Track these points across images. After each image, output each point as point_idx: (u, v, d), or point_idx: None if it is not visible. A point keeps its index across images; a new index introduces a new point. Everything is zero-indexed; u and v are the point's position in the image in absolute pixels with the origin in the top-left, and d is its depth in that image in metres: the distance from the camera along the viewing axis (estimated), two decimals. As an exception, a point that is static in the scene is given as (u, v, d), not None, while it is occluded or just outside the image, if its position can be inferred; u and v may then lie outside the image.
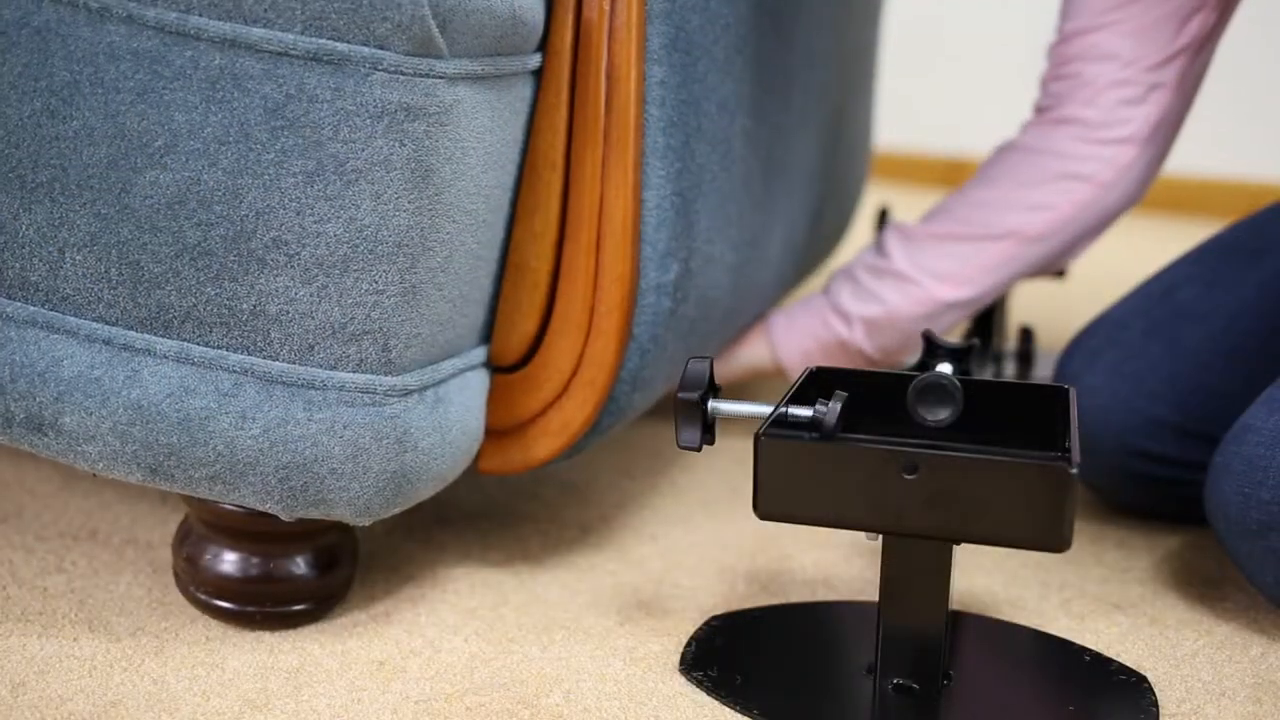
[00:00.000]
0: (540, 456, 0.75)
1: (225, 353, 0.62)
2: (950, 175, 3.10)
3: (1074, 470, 0.55)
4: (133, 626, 0.72)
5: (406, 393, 0.64)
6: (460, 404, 0.69)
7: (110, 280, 0.62)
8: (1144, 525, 0.90)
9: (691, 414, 0.63)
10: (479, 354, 0.72)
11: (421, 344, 0.64)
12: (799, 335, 1.01)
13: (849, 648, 0.69)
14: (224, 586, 0.70)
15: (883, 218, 1.35)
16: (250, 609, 0.70)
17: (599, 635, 0.72)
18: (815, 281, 1.58)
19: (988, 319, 1.25)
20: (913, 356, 0.94)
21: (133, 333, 0.62)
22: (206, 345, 0.62)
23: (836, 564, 0.83)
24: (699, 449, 0.65)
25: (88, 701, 0.63)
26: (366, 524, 0.67)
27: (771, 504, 0.60)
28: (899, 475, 0.57)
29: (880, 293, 0.95)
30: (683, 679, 0.67)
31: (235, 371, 0.62)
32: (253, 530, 0.68)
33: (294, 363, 0.62)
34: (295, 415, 0.62)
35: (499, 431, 0.75)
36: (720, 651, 0.70)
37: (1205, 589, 0.80)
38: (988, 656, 0.70)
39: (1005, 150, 0.94)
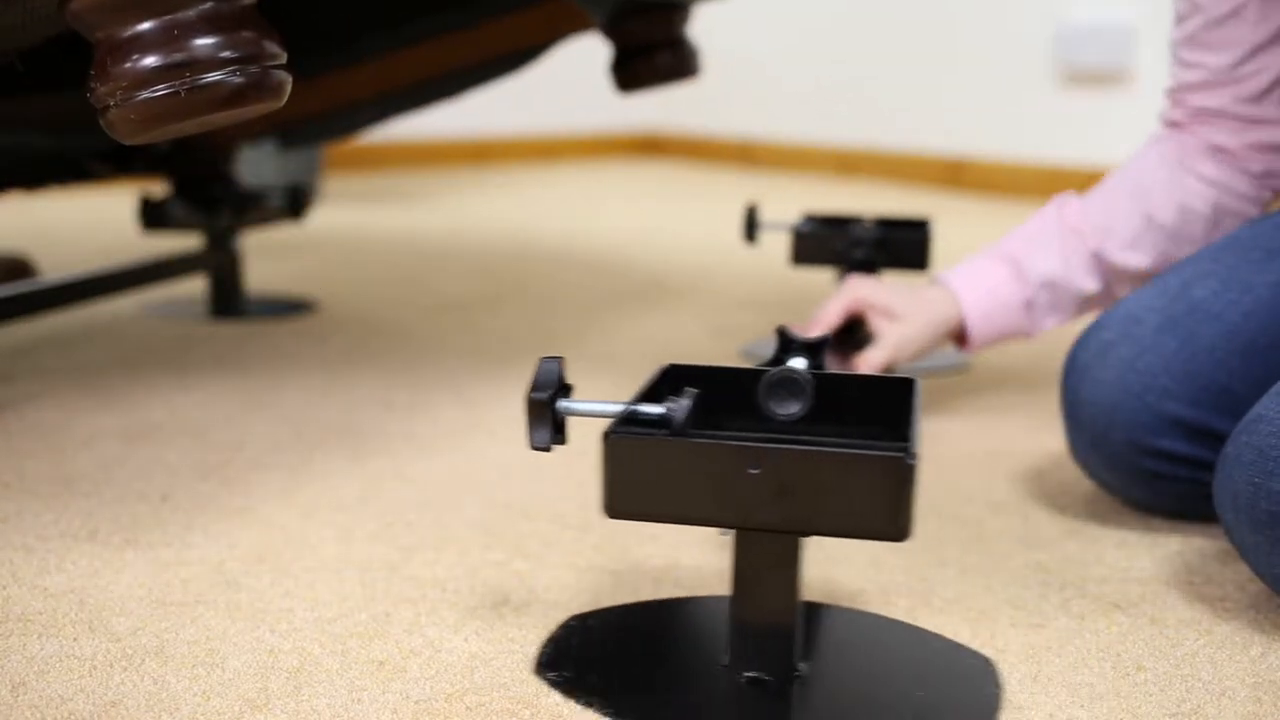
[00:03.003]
0: None
1: None
2: (950, 175, 3.10)
3: (912, 461, 0.56)
4: (133, 626, 0.72)
5: None
6: None
7: None
8: (1144, 525, 0.90)
9: (541, 415, 0.63)
10: None
11: None
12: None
13: (706, 643, 0.70)
14: (149, 76, 0.66)
15: (751, 216, 1.34)
16: (176, 85, 0.66)
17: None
18: None
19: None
20: (769, 351, 0.93)
21: None
22: None
23: (838, 564, 0.83)
24: (549, 449, 0.64)
25: (88, 701, 0.63)
26: None
27: (621, 503, 0.60)
28: (743, 470, 0.58)
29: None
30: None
31: None
32: None
33: None
34: None
35: None
36: (576, 650, 0.70)
37: (1205, 589, 0.80)
38: (843, 647, 0.71)
39: (1185, 175, 1.02)
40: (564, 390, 0.64)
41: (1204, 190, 1.01)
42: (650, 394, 0.65)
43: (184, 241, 1.95)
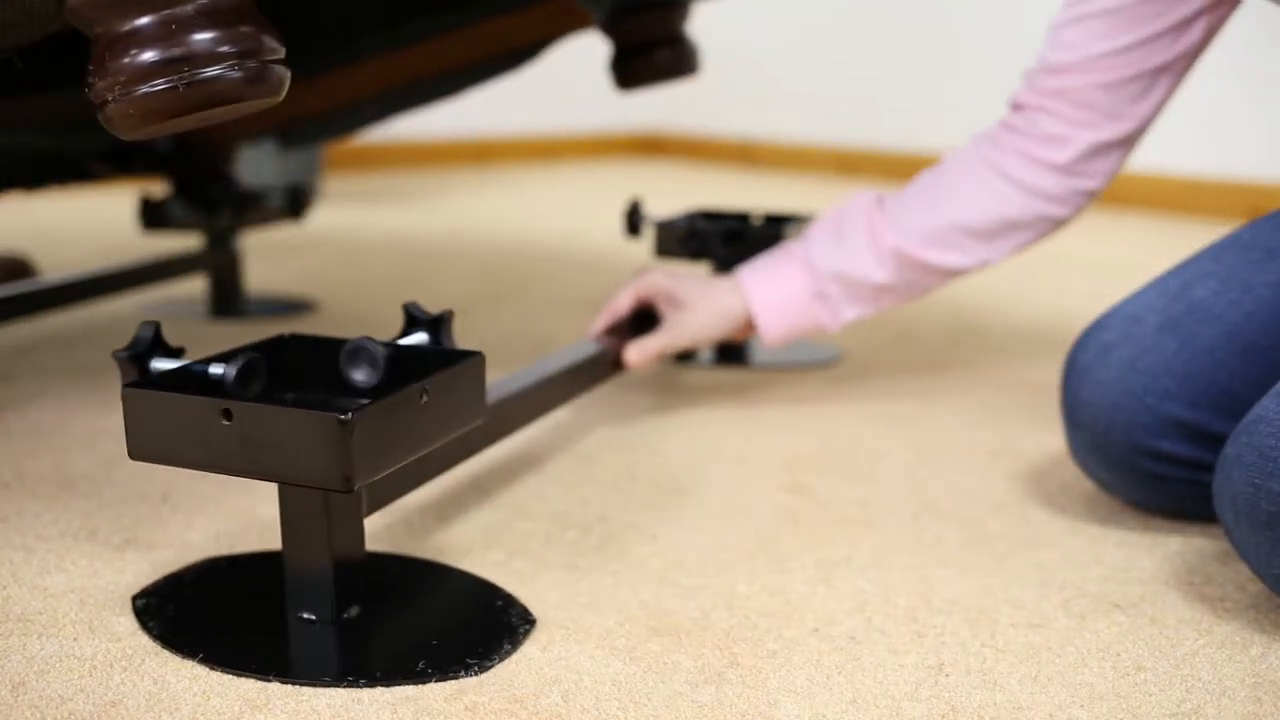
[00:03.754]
0: None
1: None
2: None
3: (346, 418, 0.61)
4: (133, 626, 0.72)
5: None
6: None
7: None
8: (1144, 525, 0.90)
9: (128, 371, 0.70)
10: None
11: None
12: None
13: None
14: (148, 71, 0.66)
15: (634, 211, 1.36)
16: (174, 79, 0.66)
17: (599, 635, 0.72)
18: None
19: None
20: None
21: None
22: None
23: (837, 564, 0.83)
24: None
25: (88, 701, 0.63)
26: None
27: (138, 447, 0.67)
28: (219, 422, 0.64)
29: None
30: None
31: None
32: None
33: None
34: None
35: None
36: (181, 585, 0.77)
37: (1205, 589, 0.80)
38: (399, 593, 0.77)
39: (994, 177, 1.04)
40: (162, 351, 0.70)
41: (1013, 195, 1.03)
42: (225, 356, 0.71)
43: (184, 241, 1.95)
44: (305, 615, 0.71)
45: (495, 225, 2.45)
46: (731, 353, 1.37)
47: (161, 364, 0.70)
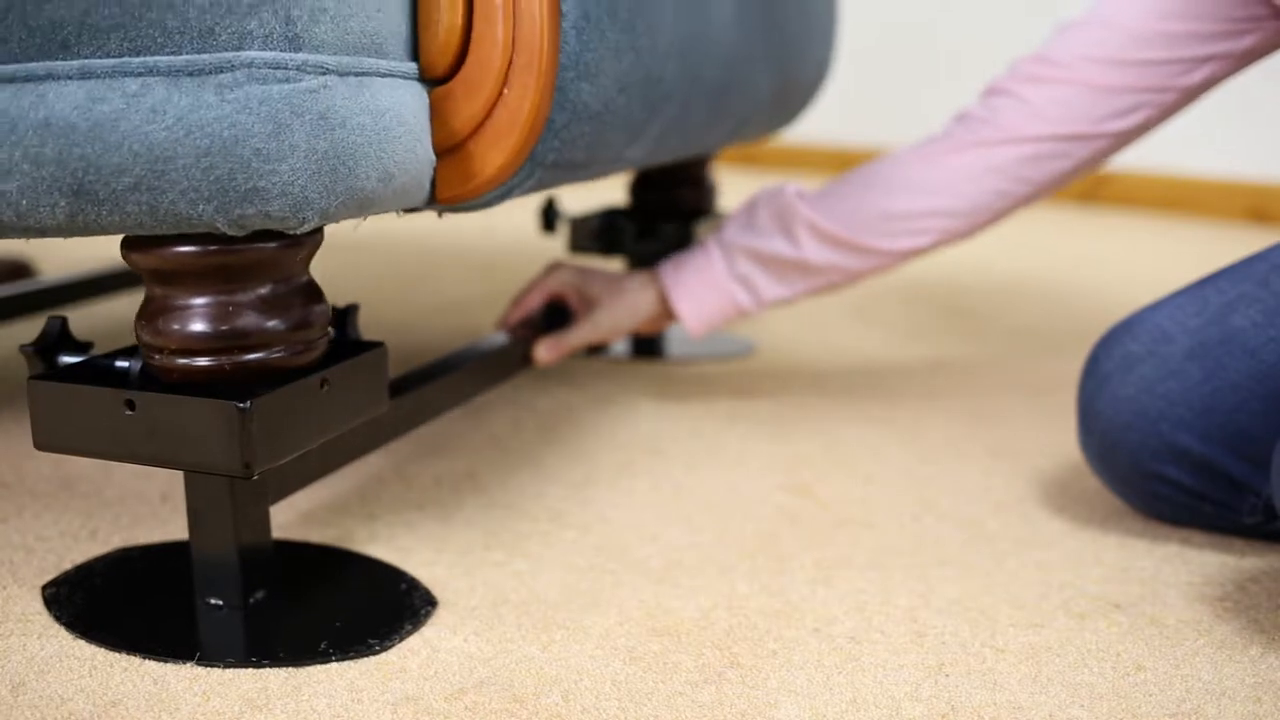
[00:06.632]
0: (496, 165, 0.74)
1: (126, 58, 0.60)
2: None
3: (244, 406, 0.63)
4: (133, 626, 0.72)
5: (323, 71, 0.62)
6: (393, 101, 0.67)
7: None
8: (1144, 525, 0.90)
9: (34, 364, 0.71)
10: (409, 68, 0.70)
11: (330, 20, 0.63)
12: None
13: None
14: (193, 344, 0.67)
15: (550, 208, 1.38)
16: (222, 360, 0.67)
17: (599, 635, 0.72)
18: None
19: None
20: None
21: (31, 63, 0.61)
22: (106, 55, 0.60)
23: (837, 564, 0.83)
24: None
25: (88, 701, 0.63)
26: (312, 223, 0.63)
27: (44, 438, 0.68)
28: (123, 412, 0.65)
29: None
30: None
31: (140, 74, 0.60)
32: (209, 266, 0.66)
33: (197, 51, 0.60)
34: (207, 100, 0.60)
35: (449, 150, 0.74)
36: (92, 575, 0.78)
37: (1205, 589, 0.80)
38: (306, 578, 0.79)
39: (934, 169, 1.04)
40: (69, 345, 0.71)
41: (958, 186, 1.03)
42: (135, 349, 0.71)
43: (184, 241, 1.94)
44: (212, 601, 0.73)
45: (496, 225, 2.45)
46: (647, 345, 1.38)
47: (68, 357, 0.71)
